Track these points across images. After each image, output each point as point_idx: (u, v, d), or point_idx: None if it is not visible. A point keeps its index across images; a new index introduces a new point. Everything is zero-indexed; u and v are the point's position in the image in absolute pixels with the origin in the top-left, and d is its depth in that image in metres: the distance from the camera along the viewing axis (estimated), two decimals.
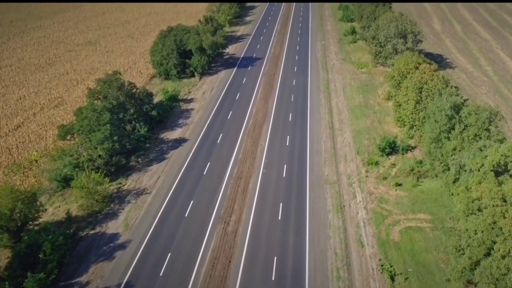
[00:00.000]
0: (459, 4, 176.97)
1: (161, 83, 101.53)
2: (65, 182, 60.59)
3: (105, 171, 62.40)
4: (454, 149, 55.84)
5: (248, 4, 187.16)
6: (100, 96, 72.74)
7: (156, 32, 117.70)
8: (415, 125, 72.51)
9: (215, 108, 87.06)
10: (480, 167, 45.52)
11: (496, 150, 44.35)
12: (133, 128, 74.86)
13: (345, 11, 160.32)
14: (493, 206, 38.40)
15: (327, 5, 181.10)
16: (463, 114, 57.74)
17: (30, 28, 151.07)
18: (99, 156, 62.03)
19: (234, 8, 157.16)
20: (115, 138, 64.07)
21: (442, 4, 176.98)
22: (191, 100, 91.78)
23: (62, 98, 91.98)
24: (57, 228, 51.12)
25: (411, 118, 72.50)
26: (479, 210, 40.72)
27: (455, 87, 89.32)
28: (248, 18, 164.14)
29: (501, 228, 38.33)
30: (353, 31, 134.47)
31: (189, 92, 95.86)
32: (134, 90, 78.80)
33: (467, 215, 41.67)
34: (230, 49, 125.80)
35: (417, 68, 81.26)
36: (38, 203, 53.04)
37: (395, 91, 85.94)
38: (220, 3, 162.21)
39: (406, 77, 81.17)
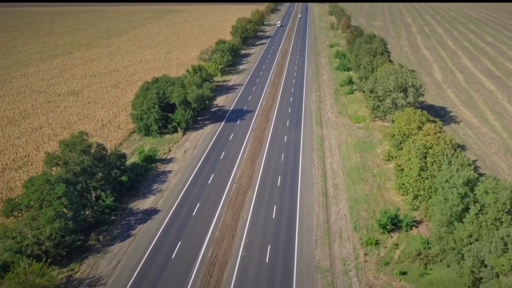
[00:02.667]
0: (459, 52, 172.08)
1: (140, 139, 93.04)
2: (4, 270, 50.33)
3: (54, 255, 52.54)
4: (470, 236, 46.21)
5: (243, 51, 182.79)
6: (60, 162, 63.75)
7: (143, 81, 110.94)
8: (420, 195, 63.24)
9: (196, 171, 77.92)
10: (508, 271, 35.75)
11: None
12: (98, 198, 65.45)
13: (342, 59, 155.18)
14: None
15: (323, 53, 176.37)
16: (479, 192, 48.50)
17: (13, 77, 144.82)
18: (48, 237, 52.33)
19: (227, 56, 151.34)
20: (69, 215, 54.56)
21: (442, 52, 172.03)
22: (170, 160, 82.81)
23: (29, 158, 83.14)
24: None
25: (415, 186, 63.34)
26: None
27: (461, 146, 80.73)
28: (241, 67, 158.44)
29: None
30: (350, 81, 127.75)
31: (169, 151, 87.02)
32: (104, 152, 70.18)
33: None
34: (220, 100, 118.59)
35: (420, 128, 72.98)
36: None
37: (396, 151, 77.33)
38: (213, 51, 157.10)
39: (408, 138, 72.80)
